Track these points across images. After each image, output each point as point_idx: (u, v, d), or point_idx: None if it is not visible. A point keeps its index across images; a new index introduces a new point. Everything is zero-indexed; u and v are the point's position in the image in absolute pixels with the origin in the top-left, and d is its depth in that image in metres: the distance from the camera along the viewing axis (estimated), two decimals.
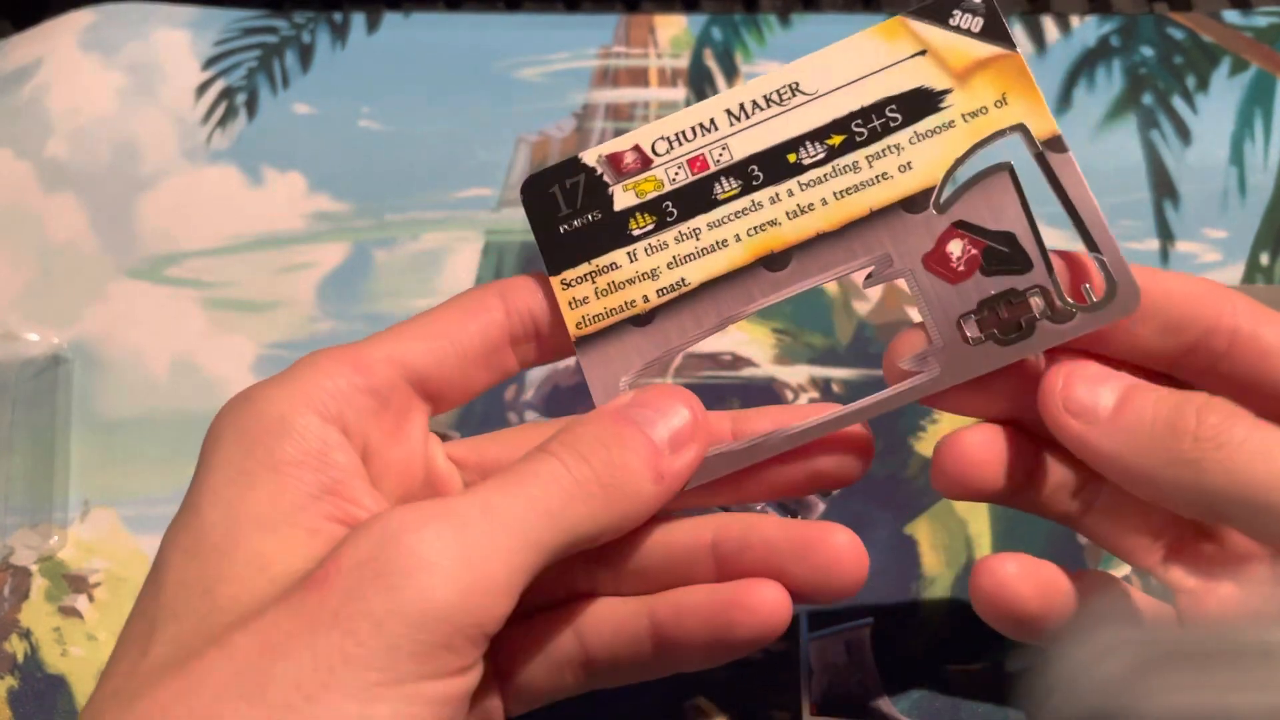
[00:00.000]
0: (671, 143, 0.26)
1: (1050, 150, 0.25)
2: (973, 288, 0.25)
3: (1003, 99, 0.26)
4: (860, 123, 0.26)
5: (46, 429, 0.39)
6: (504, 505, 0.22)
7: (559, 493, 0.23)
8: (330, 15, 0.45)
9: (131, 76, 0.44)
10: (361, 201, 0.42)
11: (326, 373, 0.24)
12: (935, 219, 0.26)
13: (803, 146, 0.26)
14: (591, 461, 0.24)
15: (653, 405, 0.25)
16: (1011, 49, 0.26)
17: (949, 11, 0.26)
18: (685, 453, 0.25)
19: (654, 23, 0.44)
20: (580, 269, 0.26)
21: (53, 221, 0.42)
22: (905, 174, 0.26)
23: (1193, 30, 0.42)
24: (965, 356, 0.25)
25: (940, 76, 0.26)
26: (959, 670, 0.34)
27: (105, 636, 0.36)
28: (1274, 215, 0.39)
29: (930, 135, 0.26)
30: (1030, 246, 0.25)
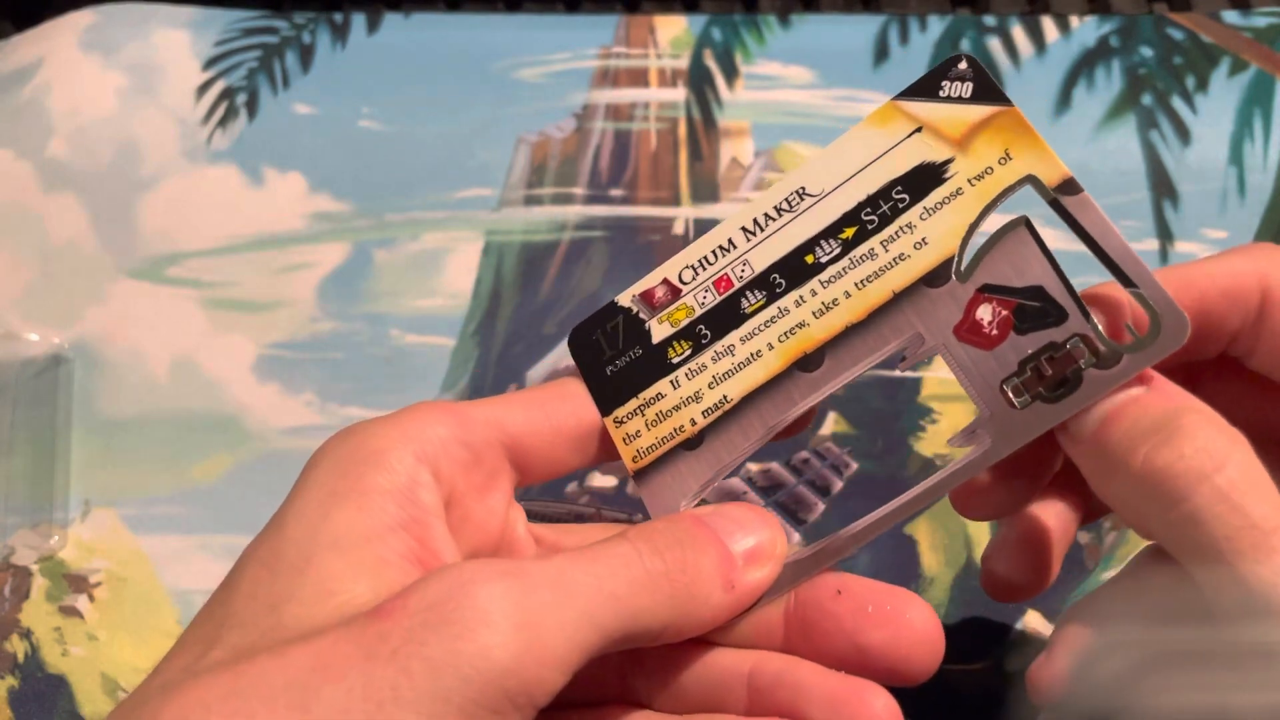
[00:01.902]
0: (696, 270, 0.27)
1: (1063, 194, 0.25)
2: (1010, 350, 0.25)
3: (1006, 155, 0.25)
4: (869, 210, 0.26)
5: (46, 429, 0.39)
6: (573, 578, 0.22)
7: (628, 579, 0.23)
8: (330, 15, 0.45)
9: (132, 76, 0.44)
10: (361, 201, 0.42)
11: (429, 419, 0.25)
12: (959, 288, 0.25)
13: (818, 246, 0.26)
14: (665, 556, 0.24)
15: (734, 519, 0.25)
16: (1007, 104, 0.25)
17: (938, 84, 0.26)
18: (760, 569, 0.25)
19: (654, 23, 0.44)
20: (629, 405, 0.27)
21: (53, 221, 0.42)
22: (921, 250, 0.26)
23: (1192, 30, 0.42)
24: (1014, 422, 0.24)
25: (939, 148, 0.26)
26: (959, 670, 0.34)
27: (105, 636, 0.36)
28: (1273, 215, 0.39)
29: (940, 207, 0.26)
30: (1061, 295, 0.24)
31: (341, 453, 0.24)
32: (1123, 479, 0.22)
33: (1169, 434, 0.22)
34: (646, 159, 0.42)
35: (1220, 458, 0.21)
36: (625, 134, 0.42)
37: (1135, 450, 0.22)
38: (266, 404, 0.39)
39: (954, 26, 0.43)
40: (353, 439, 0.25)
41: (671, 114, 0.43)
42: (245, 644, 0.22)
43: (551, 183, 0.42)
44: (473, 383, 0.39)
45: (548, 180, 0.42)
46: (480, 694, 0.20)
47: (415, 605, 0.21)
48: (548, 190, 0.42)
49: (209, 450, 0.39)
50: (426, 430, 0.25)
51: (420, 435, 0.25)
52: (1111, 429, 0.23)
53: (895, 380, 0.38)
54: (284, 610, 0.22)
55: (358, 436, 0.25)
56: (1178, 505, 0.21)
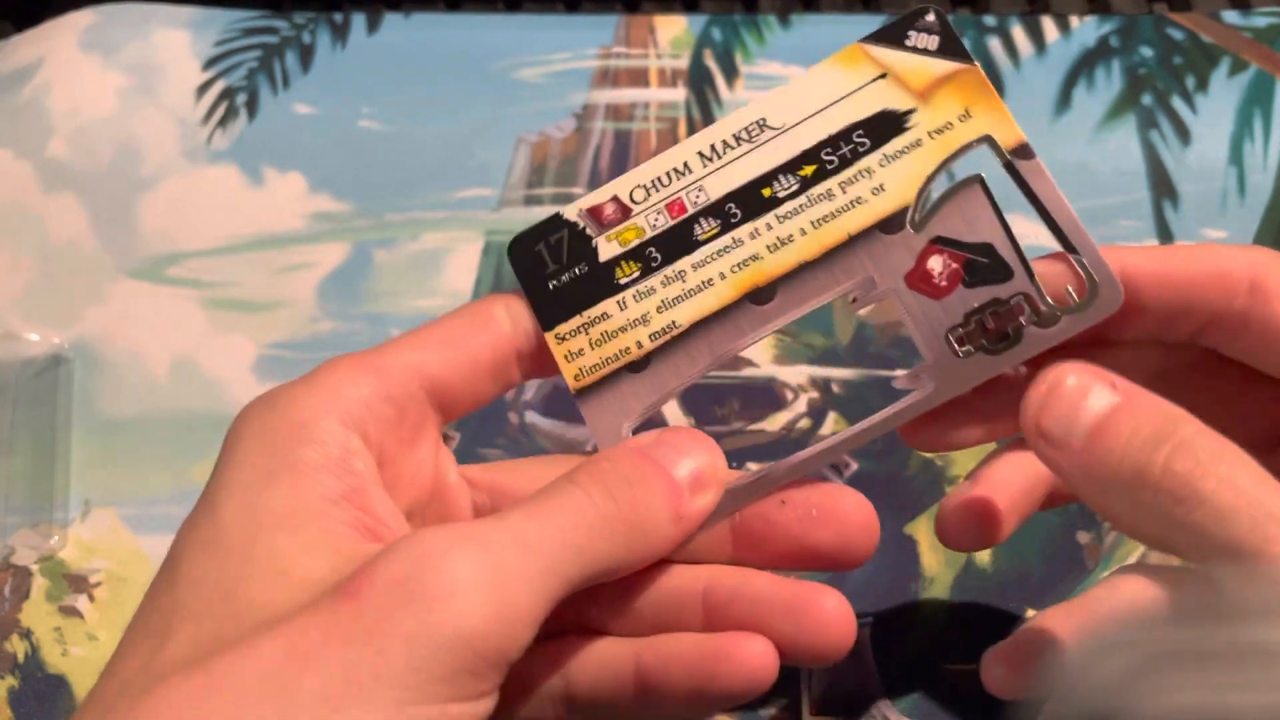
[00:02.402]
0: (649, 190, 0.27)
1: (1018, 158, 0.26)
2: (957, 301, 0.26)
3: (966, 113, 0.26)
4: (830, 151, 0.26)
5: (46, 429, 0.39)
6: (534, 535, 0.22)
7: (585, 527, 0.23)
8: (330, 15, 0.45)
9: (132, 76, 0.44)
10: (361, 201, 0.42)
11: (349, 380, 0.25)
12: (913, 237, 0.26)
13: (776, 180, 0.26)
14: (617, 497, 0.24)
15: (676, 446, 0.25)
16: (970, 62, 0.26)
17: (904, 33, 0.26)
18: (704, 495, 0.25)
19: (654, 23, 0.44)
20: (572, 322, 0.27)
21: (53, 221, 0.42)
22: (878, 196, 0.26)
23: (1192, 30, 0.42)
24: (957, 369, 0.26)
25: (903, 97, 0.26)
26: (959, 670, 0.34)
27: (106, 636, 0.36)
28: (1273, 215, 0.39)
29: (899, 156, 0.26)
30: (1009, 255, 0.26)
31: (267, 425, 0.24)
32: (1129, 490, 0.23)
33: (1179, 442, 0.22)
34: (646, 159, 0.42)
35: (1230, 460, 0.22)
36: (625, 134, 0.42)
37: (1152, 459, 0.22)
38: None
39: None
40: (275, 410, 0.24)
41: (671, 114, 0.43)
42: (205, 634, 0.21)
43: (551, 183, 0.42)
44: None
45: (548, 180, 0.42)
46: (458, 661, 0.21)
47: (382, 582, 0.21)
48: (548, 190, 0.42)
49: (209, 450, 0.38)
50: (348, 391, 0.24)
51: (343, 399, 0.24)
52: (1112, 440, 0.23)
53: None
54: (239, 594, 0.22)
55: (280, 406, 0.24)
56: (1201, 505, 0.22)
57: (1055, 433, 0.24)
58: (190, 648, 0.21)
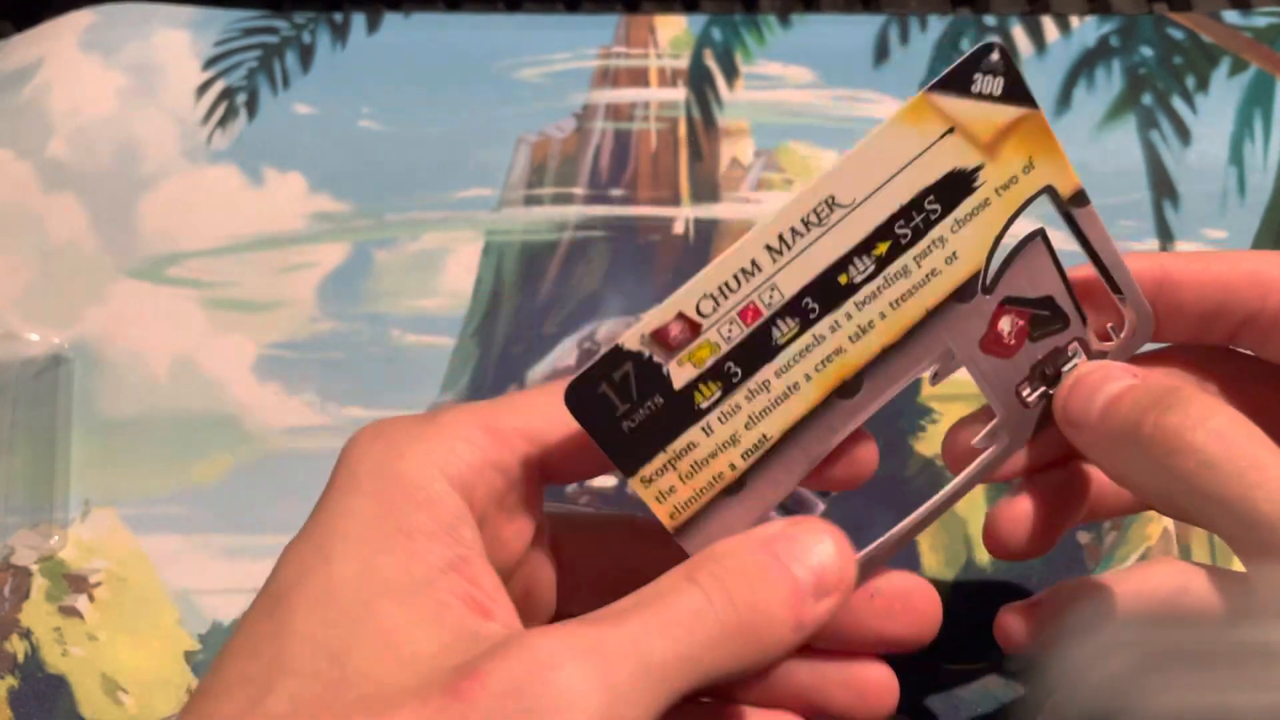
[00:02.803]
0: (716, 299, 0.24)
1: (1075, 206, 0.25)
2: (1024, 357, 0.26)
3: (1030, 164, 0.25)
4: (903, 224, 0.24)
5: (46, 429, 0.39)
6: (649, 648, 0.21)
7: (703, 638, 0.22)
8: (330, 15, 0.45)
9: (132, 76, 0.44)
10: (361, 201, 0.42)
11: (465, 437, 0.24)
12: (985, 302, 0.25)
13: (851, 265, 0.24)
14: (736, 603, 0.23)
15: (803, 541, 0.24)
16: (1034, 106, 0.24)
17: (970, 77, 0.24)
18: (827, 600, 0.24)
19: (654, 23, 0.44)
20: (657, 461, 0.24)
21: (53, 221, 0.42)
22: (952, 265, 0.25)
23: (1192, 30, 0.42)
24: (1026, 418, 0.26)
25: (970, 153, 0.24)
26: (959, 670, 0.34)
27: (105, 636, 0.36)
28: (1274, 215, 0.39)
29: (970, 219, 0.25)
30: (1067, 304, 0.26)
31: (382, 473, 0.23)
32: (1133, 448, 0.24)
33: (1170, 402, 0.23)
34: (646, 159, 0.42)
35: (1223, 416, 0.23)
36: (625, 134, 0.42)
37: (1144, 419, 0.23)
38: (266, 404, 0.39)
39: (954, 26, 0.43)
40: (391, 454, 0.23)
41: (671, 114, 0.43)
42: (307, 695, 0.21)
43: (551, 183, 0.42)
44: (473, 383, 0.39)
45: (548, 180, 0.42)
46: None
47: (495, 688, 0.20)
48: (548, 190, 0.42)
49: (209, 450, 0.39)
50: (462, 452, 0.24)
51: (457, 460, 0.24)
52: (1116, 408, 0.24)
53: None
54: (346, 662, 0.21)
55: (396, 449, 0.23)
56: (1190, 455, 0.23)
57: (1077, 413, 0.25)
58: (288, 706, 0.21)
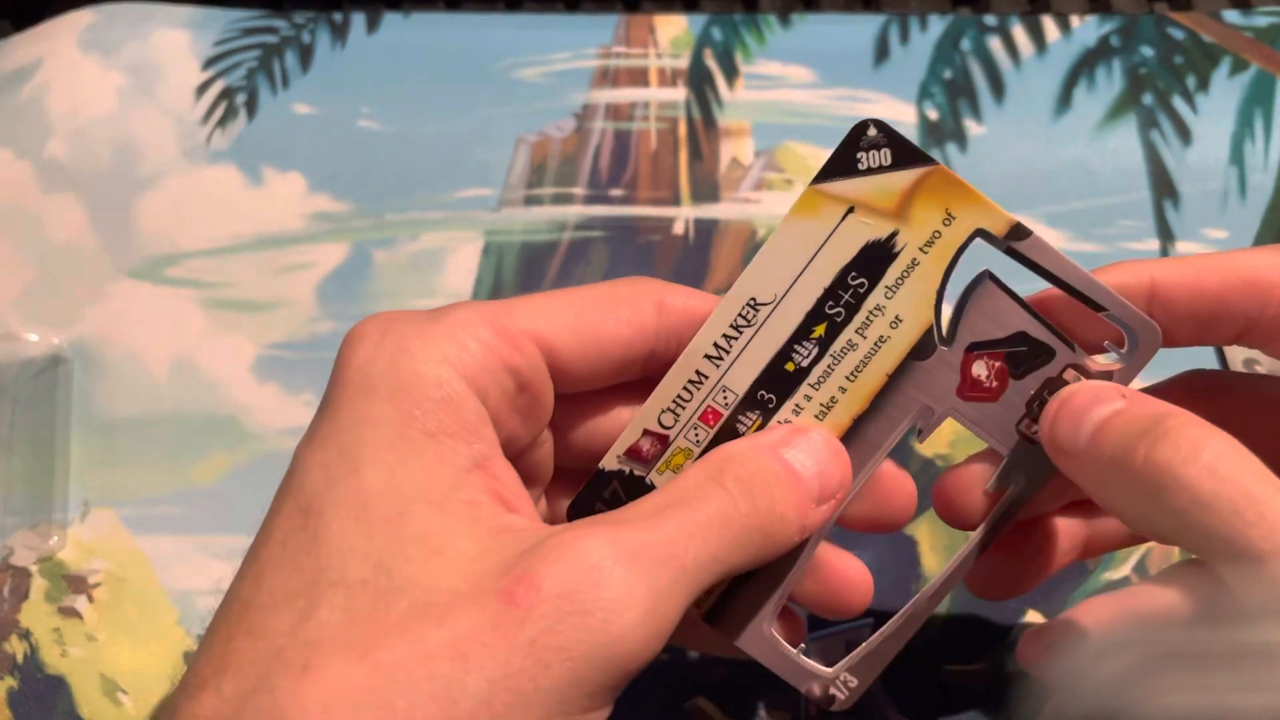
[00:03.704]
0: (675, 411, 0.26)
1: (1015, 240, 0.25)
2: (1014, 395, 0.26)
3: (948, 215, 0.25)
4: (832, 304, 0.25)
5: (46, 429, 0.39)
6: (686, 550, 0.23)
7: (729, 539, 0.23)
8: (330, 15, 0.45)
9: (131, 76, 0.44)
10: (361, 201, 0.42)
11: (475, 337, 0.24)
12: (949, 353, 0.26)
13: (794, 352, 0.26)
14: (758, 505, 0.24)
15: (810, 451, 0.25)
16: (930, 163, 0.25)
17: (853, 158, 0.25)
18: (827, 506, 0.25)
19: (654, 23, 0.44)
20: None
21: (53, 221, 0.42)
22: (899, 328, 0.25)
23: (1193, 30, 0.42)
24: (1038, 456, 0.26)
25: (880, 224, 0.25)
26: (959, 670, 0.34)
27: (105, 637, 0.36)
28: (1274, 215, 0.39)
29: (901, 282, 0.25)
30: (1043, 334, 0.25)
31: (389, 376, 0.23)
32: (1125, 482, 0.23)
33: (1160, 432, 0.23)
34: (646, 159, 0.42)
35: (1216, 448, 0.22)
36: (625, 134, 0.42)
37: (1134, 450, 0.23)
38: (266, 404, 0.39)
39: (954, 26, 0.43)
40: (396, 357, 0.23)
41: (671, 114, 0.42)
42: (358, 607, 0.21)
43: (551, 183, 0.42)
44: None
45: (548, 180, 0.42)
46: (610, 679, 0.21)
47: (549, 592, 0.21)
48: (548, 190, 0.42)
49: (208, 450, 0.39)
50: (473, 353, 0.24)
51: (467, 360, 0.23)
52: (1104, 438, 0.24)
53: None
54: (392, 570, 0.21)
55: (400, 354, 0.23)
56: (1181, 493, 0.22)
57: (1065, 440, 0.24)
58: (342, 617, 0.21)
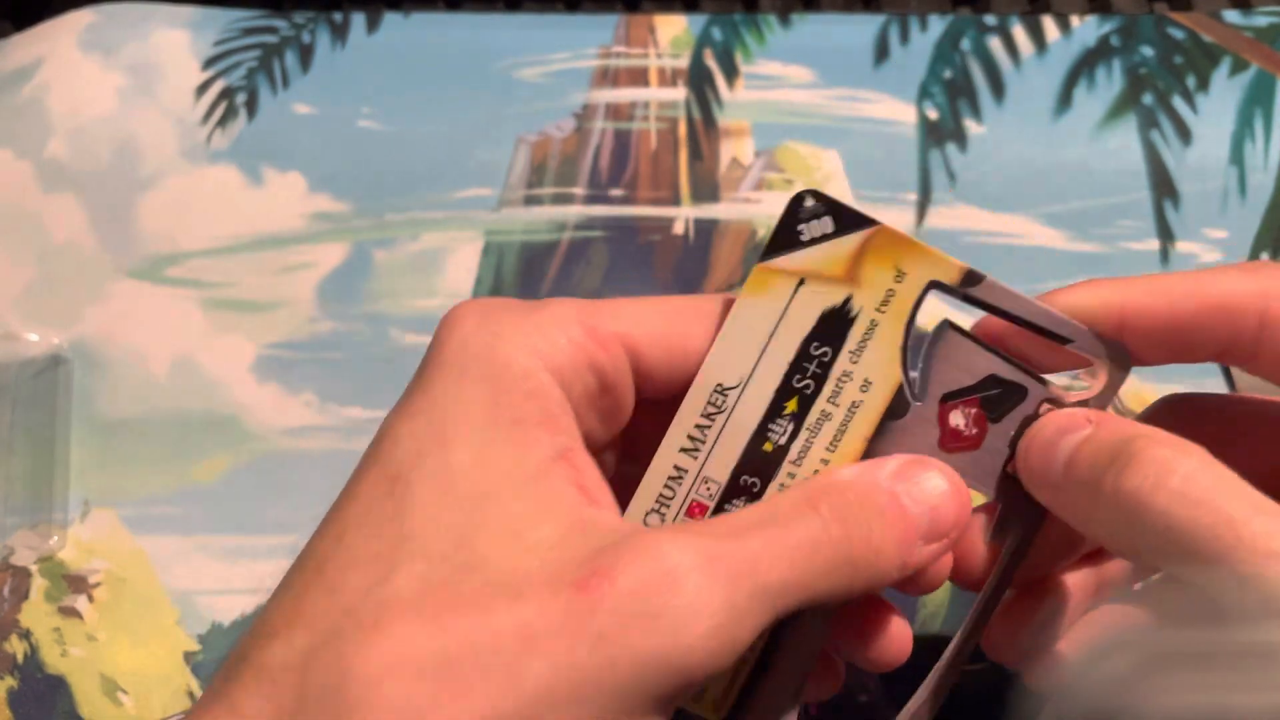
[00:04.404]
0: (659, 511, 0.26)
1: (969, 286, 0.25)
2: (996, 439, 0.25)
3: (900, 273, 0.25)
4: (799, 377, 0.25)
5: (46, 429, 0.39)
6: (769, 569, 0.22)
7: (817, 568, 0.23)
8: (330, 15, 0.45)
9: (131, 76, 0.44)
10: (361, 201, 0.42)
11: (566, 333, 0.24)
12: (923, 408, 0.25)
13: (769, 431, 0.25)
14: (853, 537, 0.23)
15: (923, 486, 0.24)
16: (873, 224, 0.25)
17: (795, 231, 0.25)
18: (936, 544, 0.24)
19: (654, 23, 0.44)
20: None
21: (53, 221, 0.42)
22: (870, 391, 0.25)
23: (1193, 30, 0.42)
24: (1030, 496, 0.25)
25: (833, 291, 0.25)
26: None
27: (105, 637, 0.36)
28: (1274, 215, 0.39)
29: (864, 345, 0.25)
30: (1013, 374, 0.25)
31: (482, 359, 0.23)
32: (1100, 512, 0.23)
33: (1127, 458, 0.22)
34: (646, 159, 0.42)
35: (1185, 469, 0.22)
36: (625, 134, 0.42)
37: (1104, 480, 0.22)
38: (266, 404, 0.39)
39: (954, 26, 0.43)
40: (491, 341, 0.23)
41: (671, 114, 0.42)
42: (435, 577, 0.21)
43: (551, 183, 0.42)
44: None
45: (548, 180, 0.42)
46: (674, 687, 0.21)
47: (623, 588, 0.21)
48: (548, 190, 0.42)
49: (209, 450, 0.39)
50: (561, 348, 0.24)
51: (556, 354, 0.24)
52: (1076, 469, 0.23)
53: None
54: (472, 547, 0.21)
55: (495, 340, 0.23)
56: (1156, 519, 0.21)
57: (1039, 473, 0.24)
58: (419, 585, 0.21)
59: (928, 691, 0.26)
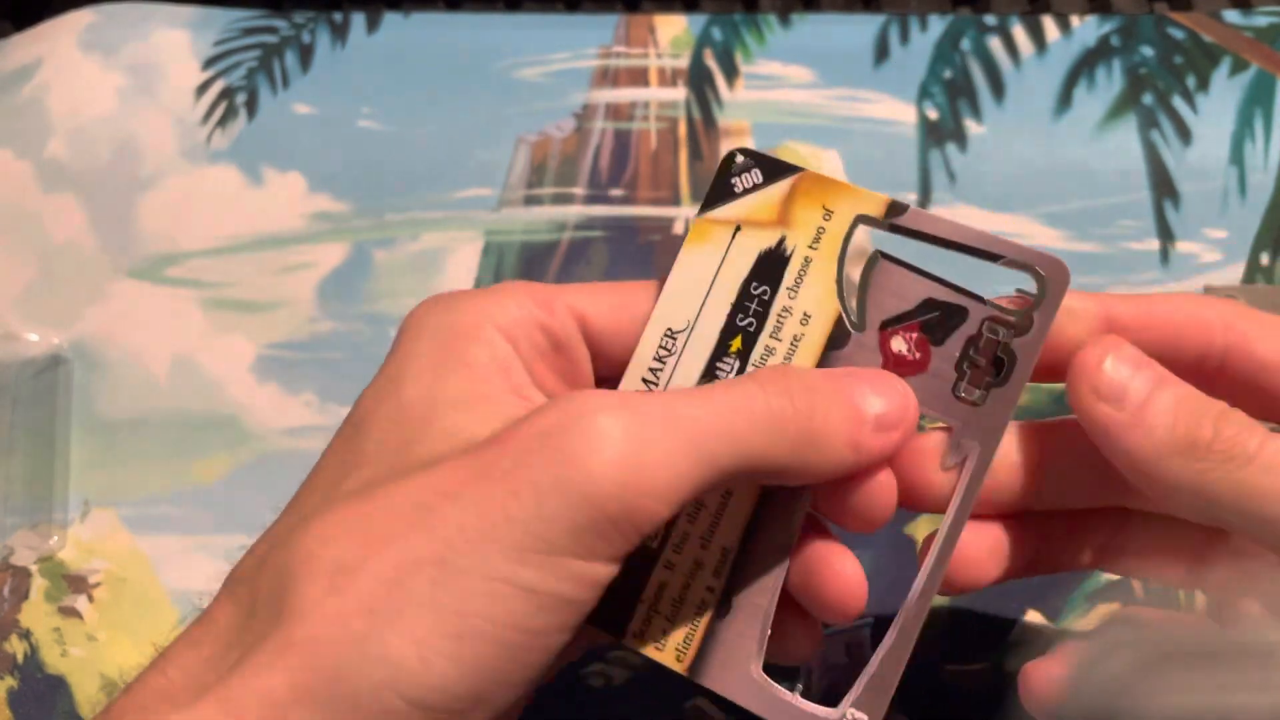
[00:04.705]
0: None
1: (894, 217, 0.26)
2: (941, 362, 0.26)
3: (826, 210, 0.26)
4: (742, 316, 0.26)
5: (46, 429, 0.39)
6: (688, 413, 0.23)
7: (749, 417, 0.23)
8: (330, 15, 0.45)
9: (131, 76, 0.44)
10: (361, 201, 0.42)
11: (513, 299, 0.26)
12: (864, 337, 0.26)
13: (718, 369, 0.26)
14: (794, 399, 0.24)
15: (868, 382, 0.25)
16: (799, 170, 0.26)
17: (728, 185, 0.26)
18: (887, 434, 0.25)
19: (654, 23, 0.44)
20: (639, 613, 0.26)
21: (53, 221, 0.42)
22: (810, 324, 0.26)
23: (1193, 30, 0.42)
24: (985, 416, 0.25)
25: (767, 234, 0.26)
26: (959, 670, 0.34)
27: (105, 637, 0.36)
28: (1274, 215, 0.39)
29: (800, 281, 0.26)
30: (950, 296, 0.26)
31: (439, 324, 0.25)
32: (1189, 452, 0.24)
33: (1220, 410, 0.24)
34: (646, 159, 0.42)
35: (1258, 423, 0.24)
36: (625, 134, 0.42)
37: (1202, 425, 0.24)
38: (266, 404, 0.39)
39: (954, 26, 0.43)
40: (447, 311, 0.26)
41: (671, 114, 0.43)
42: (378, 476, 0.23)
43: (551, 183, 0.42)
44: None
45: (548, 180, 0.42)
46: (583, 517, 0.21)
47: (529, 431, 0.22)
48: (548, 190, 0.42)
49: (209, 450, 0.39)
50: (508, 310, 0.25)
51: (505, 315, 0.25)
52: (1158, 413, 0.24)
53: None
54: (411, 450, 0.23)
55: (453, 312, 0.26)
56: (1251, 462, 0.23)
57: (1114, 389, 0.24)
58: (361, 485, 0.23)
59: (896, 629, 0.26)
